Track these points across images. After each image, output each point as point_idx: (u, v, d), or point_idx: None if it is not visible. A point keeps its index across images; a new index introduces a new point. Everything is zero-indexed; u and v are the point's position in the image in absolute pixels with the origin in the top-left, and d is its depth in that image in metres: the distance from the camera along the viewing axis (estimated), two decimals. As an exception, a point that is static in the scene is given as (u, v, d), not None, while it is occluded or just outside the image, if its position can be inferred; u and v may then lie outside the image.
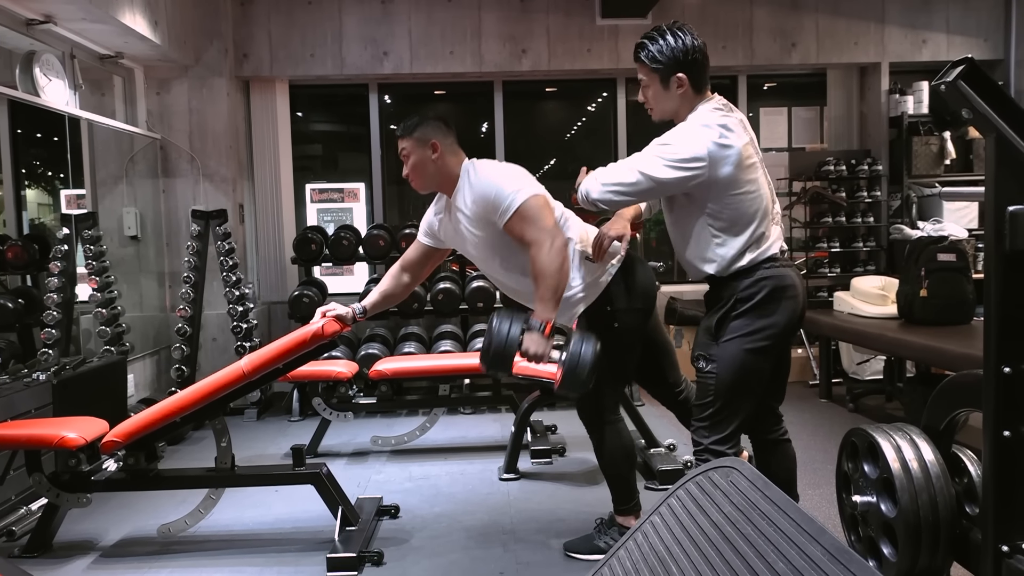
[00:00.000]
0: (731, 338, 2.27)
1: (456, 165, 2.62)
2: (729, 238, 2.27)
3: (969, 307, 4.20)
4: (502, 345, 2.36)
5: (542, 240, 2.40)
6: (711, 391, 2.29)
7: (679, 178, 2.21)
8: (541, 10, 5.57)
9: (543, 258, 2.39)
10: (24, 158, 5.11)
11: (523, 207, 2.44)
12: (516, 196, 2.44)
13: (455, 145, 2.64)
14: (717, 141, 2.19)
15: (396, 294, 2.87)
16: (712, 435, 2.30)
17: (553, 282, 2.39)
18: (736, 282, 2.27)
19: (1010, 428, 1.64)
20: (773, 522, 1.19)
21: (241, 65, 5.47)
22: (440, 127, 2.63)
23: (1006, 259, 1.62)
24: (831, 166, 5.62)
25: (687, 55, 2.30)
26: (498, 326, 2.38)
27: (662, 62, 2.31)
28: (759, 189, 2.28)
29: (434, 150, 2.59)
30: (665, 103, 2.36)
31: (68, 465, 2.89)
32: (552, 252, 2.38)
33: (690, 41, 2.31)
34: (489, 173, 2.55)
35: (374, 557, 2.74)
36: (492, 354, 2.38)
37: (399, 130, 2.65)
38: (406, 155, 2.63)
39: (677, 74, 2.30)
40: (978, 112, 1.62)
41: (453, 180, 2.61)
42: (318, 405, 4.12)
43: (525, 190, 2.46)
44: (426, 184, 2.67)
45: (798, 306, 2.32)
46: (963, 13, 5.73)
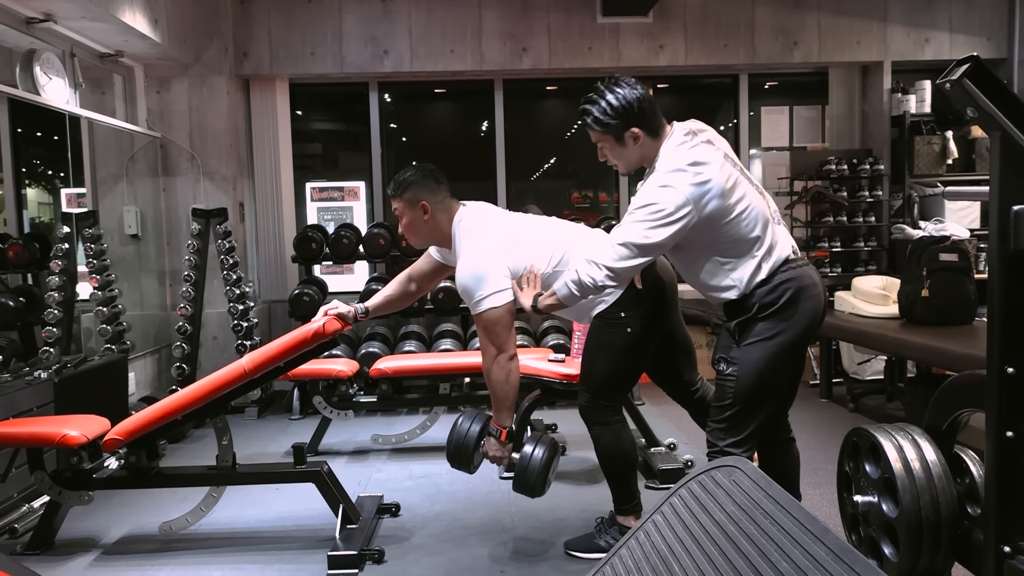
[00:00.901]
0: (754, 342, 2.25)
1: (447, 224, 2.67)
2: (739, 261, 2.25)
3: (971, 307, 4.19)
4: (461, 443, 2.65)
5: (490, 352, 2.56)
6: (730, 394, 2.28)
7: (673, 233, 2.19)
8: (542, 8, 5.57)
9: (489, 370, 2.57)
10: (24, 157, 5.11)
11: (484, 316, 2.54)
12: (482, 302, 2.53)
13: (447, 200, 2.68)
14: (693, 182, 2.17)
15: (400, 301, 2.94)
16: (728, 437, 2.29)
17: (501, 393, 2.58)
18: (758, 291, 2.25)
19: (1013, 429, 1.64)
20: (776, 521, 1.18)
21: (241, 63, 5.47)
22: (429, 185, 2.65)
23: (1010, 259, 1.61)
24: (833, 165, 5.61)
25: (632, 108, 2.29)
26: (460, 426, 2.67)
27: (610, 123, 2.31)
28: (750, 204, 2.24)
29: (424, 211, 2.64)
30: (627, 157, 2.36)
31: (70, 463, 2.89)
32: (497, 366, 2.55)
33: (630, 93, 2.29)
34: (466, 264, 2.58)
35: (375, 555, 2.74)
36: (453, 447, 2.67)
37: (390, 189, 2.70)
38: (399, 214, 2.69)
39: (630, 129, 2.30)
40: (983, 111, 1.61)
41: (447, 237, 2.68)
42: (319, 403, 4.12)
43: (491, 298, 2.52)
44: (421, 242, 2.76)
45: (820, 304, 2.30)
46: (966, 12, 5.72)
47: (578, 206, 6.56)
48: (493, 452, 2.61)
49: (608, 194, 6.53)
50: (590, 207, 6.58)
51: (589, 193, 6.72)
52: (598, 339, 2.64)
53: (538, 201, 5.63)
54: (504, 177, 5.99)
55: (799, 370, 2.45)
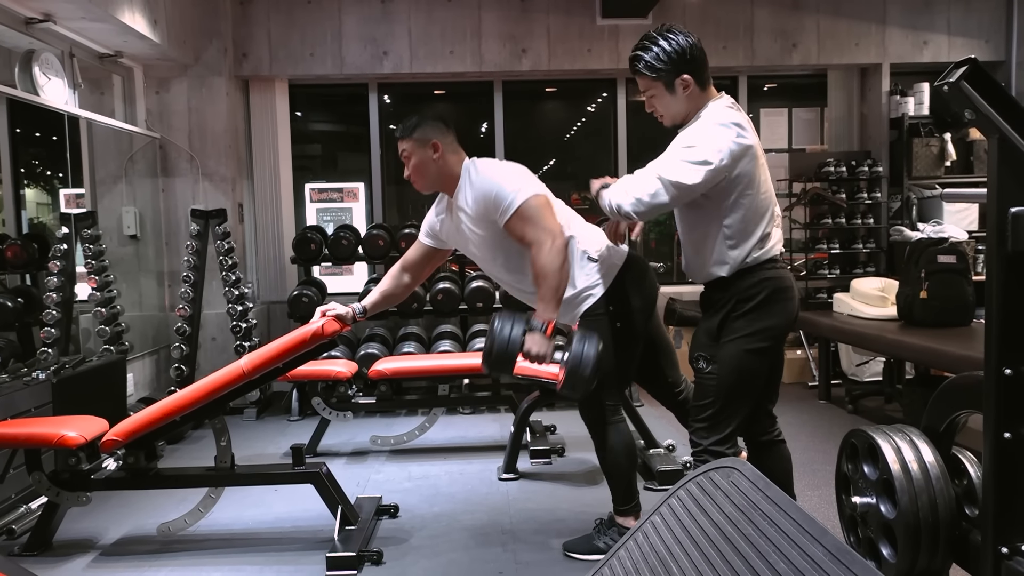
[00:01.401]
0: (732, 339, 2.28)
1: (457, 164, 2.61)
2: (741, 240, 2.27)
3: (969, 309, 4.20)
4: (504, 346, 2.36)
5: (542, 240, 2.40)
6: (711, 392, 2.31)
7: (709, 179, 2.19)
8: (541, 10, 5.57)
9: (543, 258, 2.38)
10: (23, 157, 5.11)
11: (523, 207, 2.43)
12: (516, 196, 2.44)
13: (455, 144, 2.64)
14: (736, 140, 2.20)
15: (396, 294, 2.87)
16: (711, 436, 2.31)
17: (554, 282, 2.39)
18: (738, 282, 2.28)
19: (1011, 430, 1.64)
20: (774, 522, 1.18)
21: (240, 64, 5.47)
22: (440, 126, 2.61)
23: (1008, 261, 1.61)
24: (831, 167, 5.62)
25: (685, 55, 2.29)
26: (500, 327, 2.37)
27: (662, 68, 2.30)
28: (768, 189, 2.31)
29: (435, 150, 2.58)
30: (674, 108, 2.34)
31: (68, 464, 2.89)
32: (552, 252, 2.38)
33: (684, 40, 2.30)
34: (490, 172, 2.54)
35: (373, 556, 2.74)
36: (494, 355, 2.38)
37: (399, 131, 2.64)
38: (407, 156, 2.62)
39: (681, 76, 2.29)
40: (981, 113, 1.61)
41: (455, 179, 2.60)
42: (317, 405, 4.12)
43: (525, 189, 2.46)
44: (428, 184, 2.66)
45: (794, 307, 2.35)
46: (964, 14, 5.73)
47: (578, 207, 6.55)
48: (537, 349, 2.37)
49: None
50: (590, 208, 6.58)
51: (589, 195, 6.72)
52: None
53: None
54: (503, 178, 5.98)
55: (779, 366, 2.47)
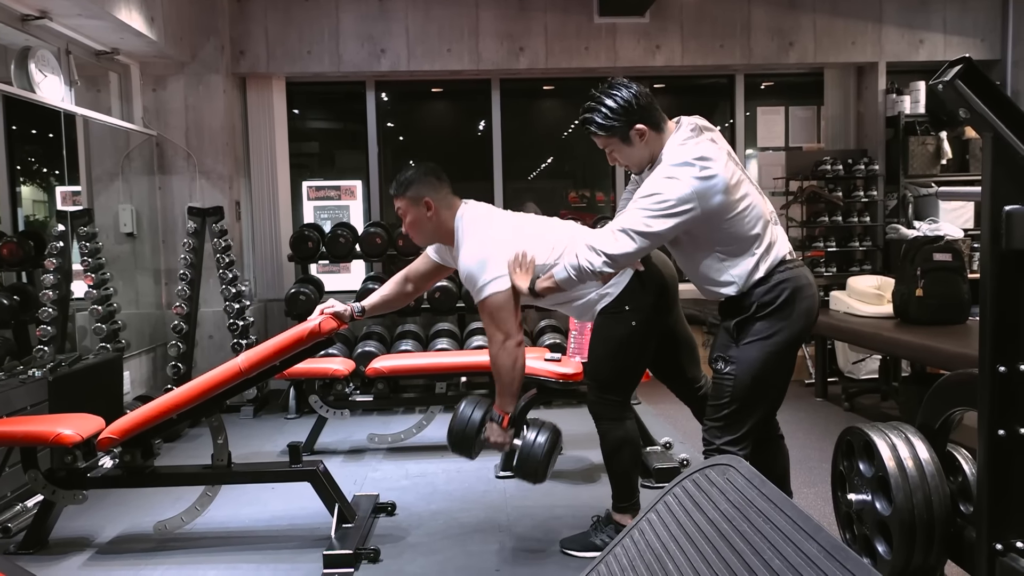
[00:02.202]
0: (752, 341, 2.27)
1: (450, 219, 2.68)
2: (739, 259, 2.26)
3: (964, 307, 4.21)
4: (463, 427, 2.62)
5: (496, 338, 2.55)
6: (728, 392, 2.30)
7: (675, 225, 2.20)
8: (539, 8, 5.57)
9: (494, 354, 2.56)
10: (19, 154, 5.10)
11: (488, 300, 2.54)
12: (485, 288, 2.53)
13: (449, 197, 2.69)
14: (699, 176, 2.17)
15: (397, 301, 2.95)
16: (725, 436, 2.30)
17: (506, 379, 2.56)
18: (755, 290, 2.27)
19: (1005, 427, 1.65)
20: (770, 519, 1.19)
21: (238, 62, 5.46)
22: (431, 182, 2.67)
23: (1002, 258, 1.62)
24: (828, 165, 5.63)
25: (632, 106, 2.30)
26: (462, 411, 2.65)
27: (614, 125, 2.32)
28: (751, 203, 2.26)
29: (428, 208, 2.65)
30: (636, 156, 2.37)
31: (64, 462, 2.89)
32: (504, 351, 2.54)
33: (627, 93, 2.31)
34: (470, 251, 2.59)
35: (370, 554, 2.74)
36: (455, 435, 2.65)
37: (393, 188, 2.71)
38: (402, 213, 2.70)
39: (634, 127, 2.30)
40: (975, 112, 1.62)
41: (450, 233, 2.68)
42: (315, 403, 4.12)
43: (495, 283, 2.53)
44: (425, 240, 2.76)
45: (815, 304, 2.33)
46: (960, 13, 5.74)
47: (575, 206, 6.57)
48: (495, 438, 2.59)
49: (605, 194, 6.53)
50: (587, 207, 6.59)
51: (586, 193, 6.73)
52: (603, 334, 2.65)
53: (535, 201, 5.64)
54: (501, 177, 5.99)
55: (791, 369, 2.46)
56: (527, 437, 2.58)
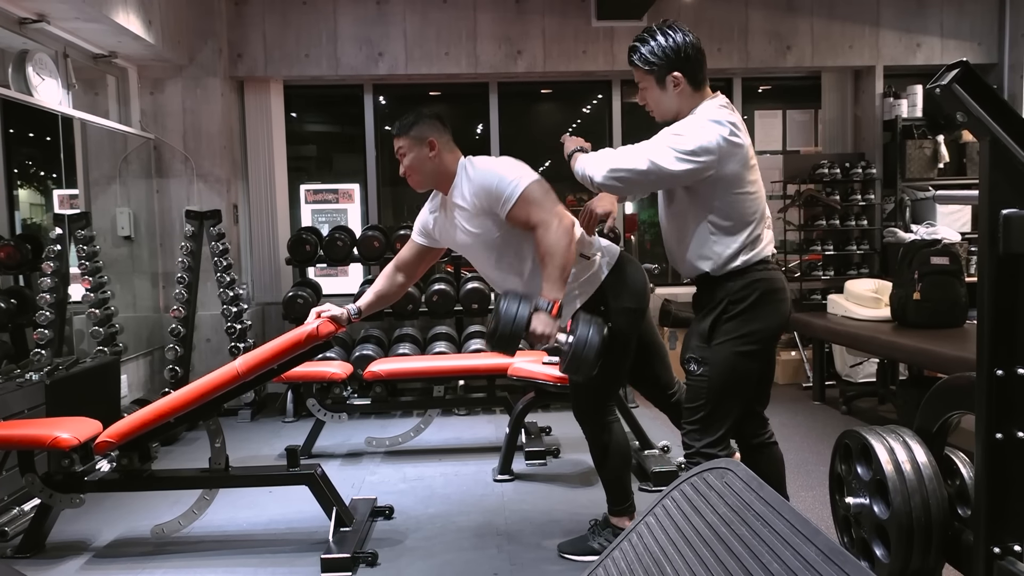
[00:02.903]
0: (723, 341, 2.27)
1: (453, 162, 2.62)
2: (726, 237, 2.26)
3: (962, 310, 4.22)
4: (509, 325, 2.36)
5: (548, 220, 2.42)
6: (703, 394, 2.30)
7: (689, 170, 2.18)
8: (537, 11, 5.58)
9: (550, 238, 2.40)
10: (16, 158, 5.09)
11: (527, 191, 2.47)
12: (519, 183, 2.47)
13: (451, 143, 2.65)
14: (727, 137, 2.18)
15: (391, 294, 2.87)
16: (704, 438, 2.31)
17: (561, 261, 2.39)
18: (729, 283, 2.27)
19: (1003, 431, 1.65)
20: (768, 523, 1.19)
21: (235, 65, 5.46)
22: (436, 125, 2.62)
23: (1000, 262, 1.62)
24: (825, 169, 5.64)
25: (679, 52, 2.28)
26: (506, 307, 2.38)
27: (655, 63, 2.29)
28: (759, 190, 2.30)
29: (431, 148, 2.59)
30: (665, 104, 2.34)
31: (61, 465, 2.88)
32: (559, 232, 2.41)
33: (681, 38, 2.28)
34: (489, 165, 2.57)
35: (368, 558, 2.74)
36: (499, 334, 2.38)
37: (395, 128, 2.64)
38: (403, 154, 2.63)
39: (672, 73, 2.28)
40: (973, 115, 1.62)
41: (450, 177, 2.61)
42: (312, 406, 4.12)
43: (526, 177, 2.50)
44: (424, 182, 2.67)
45: (787, 309, 2.35)
46: (957, 17, 5.76)
47: (573, 209, 6.57)
48: (542, 328, 2.35)
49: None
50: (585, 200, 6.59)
51: (584, 196, 6.73)
52: None
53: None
54: (498, 180, 5.98)
55: (770, 369, 2.47)
56: (580, 331, 2.37)
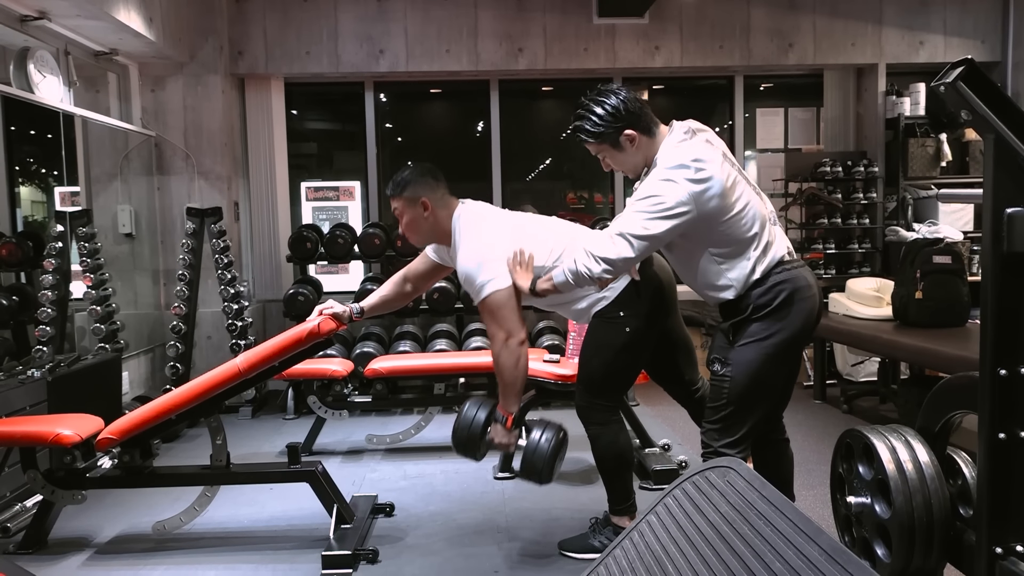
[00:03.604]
0: (748, 342, 2.25)
1: (447, 219, 2.66)
2: (734, 260, 2.25)
3: (964, 309, 4.21)
4: (466, 429, 2.57)
5: (498, 337, 2.52)
6: (725, 394, 2.28)
7: (672, 227, 2.19)
8: (538, 9, 5.57)
9: (498, 354, 2.53)
10: (18, 155, 5.09)
11: (488, 300, 2.52)
12: (485, 287, 2.51)
13: (446, 197, 2.69)
14: (694, 178, 2.16)
15: (396, 301, 2.94)
16: (723, 438, 2.29)
17: (508, 379, 2.53)
18: (752, 291, 2.26)
19: (1005, 430, 1.65)
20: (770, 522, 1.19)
21: (236, 62, 5.45)
22: (428, 182, 2.66)
23: (1004, 261, 1.62)
24: (827, 167, 5.63)
25: (620, 112, 2.30)
26: (466, 412, 2.60)
27: (603, 131, 2.32)
28: (748, 203, 2.25)
29: (425, 208, 2.64)
30: (629, 161, 2.36)
31: (63, 462, 2.88)
32: (506, 349, 2.51)
33: (615, 100, 2.31)
34: (468, 252, 2.58)
35: (369, 555, 2.74)
36: (458, 438, 2.60)
37: (389, 189, 2.70)
38: (399, 214, 2.69)
39: (623, 132, 2.30)
40: (977, 114, 1.62)
41: (447, 234, 2.67)
42: (313, 403, 4.12)
43: (494, 282, 2.51)
44: (422, 240, 2.75)
45: (815, 305, 2.30)
46: (961, 15, 5.75)
47: (573, 207, 6.57)
48: (500, 439, 2.56)
49: (603, 195, 6.54)
50: (585, 208, 6.59)
51: (584, 194, 6.73)
52: (597, 338, 2.64)
53: (533, 202, 5.63)
54: (500, 177, 5.99)
55: (794, 371, 2.45)
56: (532, 437, 2.52)
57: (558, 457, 2.55)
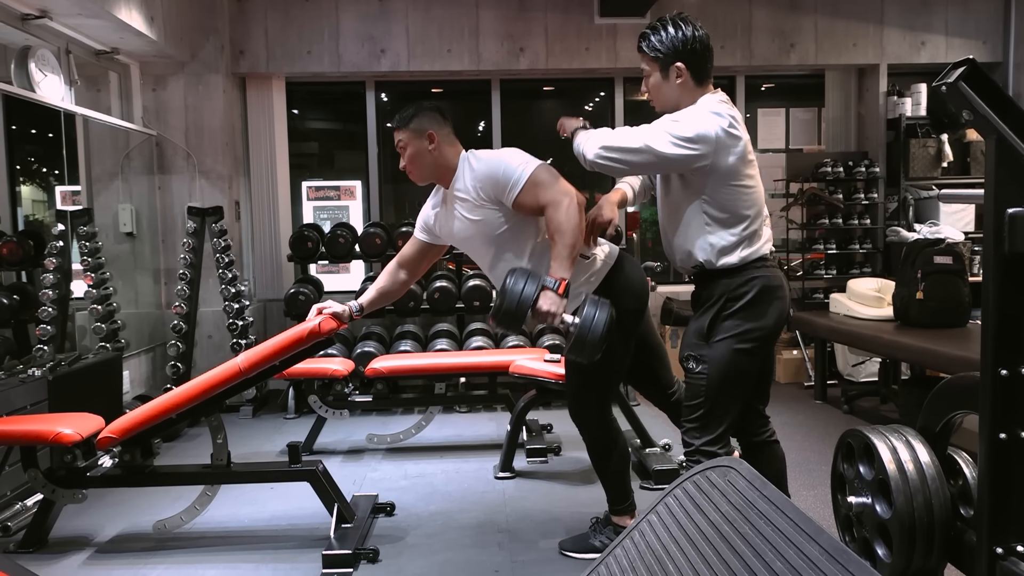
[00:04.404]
0: (722, 338, 2.27)
1: (453, 155, 2.61)
2: (721, 229, 2.27)
3: (965, 310, 4.21)
4: (515, 303, 2.32)
5: (559, 199, 2.42)
6: (701, 391, 2.29)
7: (683, 156, 2.18)
8: (539, 9, 5.57)
9: (560, 216, 2.40)
10: (19, 154, 5.09)
11: (534, 175, 2.46)
12: (526, 168, 2.47)
13: (452, 135, 2.64)
14: (726, 128, 2.20)
15: (393, 291, 2.86)
16: (703, 436, 2.30)
17: (571, 239, 2.38)
18: (726, 279, 2.27)
19: (1006, 430, 1.65)
20: (771, 521, 1.19)
21: (237, 62, 5.46)
22: (436, 117, 2.61)
23: (1005, 262, 1.62)
24: (828, 167, 5.63)
25: (686, 45, 2.31)
26: (513, 283, 2.34)
27: (662, 51, 2.31)
28: (757, 186, 2.30)
29: (431, 140, 2.58)
30: (666, 93, 2.35)
31: (64, 461, 2.89)
32: (570, 210, 2.40)
33: (691, 32, 2.32)
34: (494, 154, 2.57)
35: (369, 554, 2.74)
36: (504, 311, 2.34)
37: (395, 121, 2.64)
38: (403, 147, 2.62)
39: (676, 63, 2.30)
40: (979, 114, 1.62)
41: (451, 170, 2.60)
42: (314, 403, 4.12)
43: (532, 162, 2.50)
44: (424, 175, 2.65)
45: (785, 307, 2.34)
46: (962, 15, 5.75)
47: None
48: (548, 306, 2.30)
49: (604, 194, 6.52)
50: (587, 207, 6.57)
51: (586, 194, 6.71)
52: None
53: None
54: (500, 177, 5.98)
55: (769, 367, 2.46)
56: (587, 311, 2.31)
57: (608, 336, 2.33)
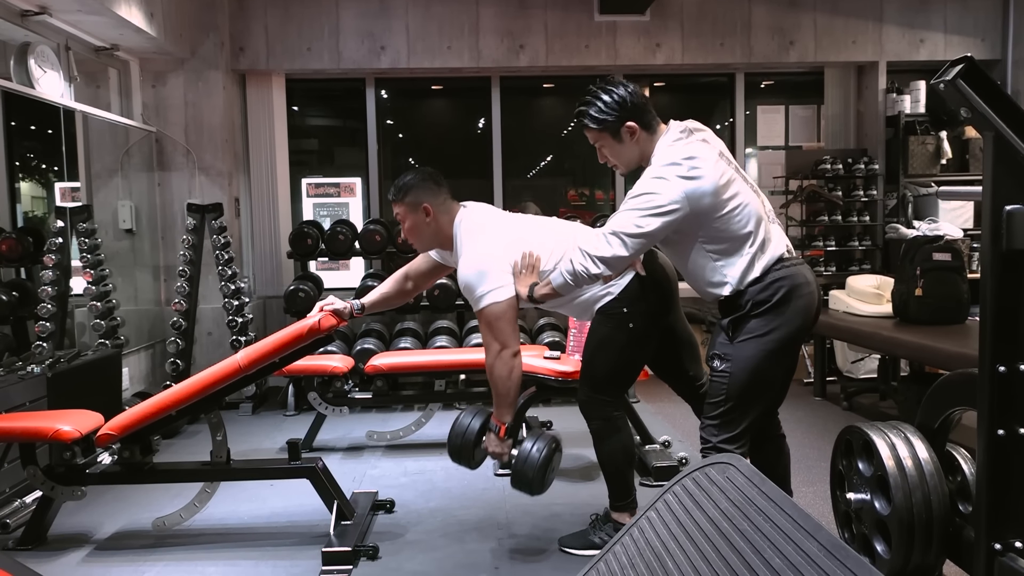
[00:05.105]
0: (747, 338, 2.26)
1: (449, 225, 2.68)
2: (731, 257, 2.26)
3: (964, 307, 4.21)
4: (460, 439, 2.67)
5: (493, 348, 2.55)
6: (723, 390, 2.29)
7: (664, 224, 2.22)
8: (539, 6, 5.56)
9: (492, 365, 2.56)
10: (18, 150, 5.10)
11: (486, 311, 2.53)
12: (484, 298, 2.53)
13: (448, 202, 2.70)
14: (686, 175, 2.20)
15: (396, 298, 2.95)
16: (721, 434, 2.30)
17: (503, 389, 2.57)
18: (751, 288, 2.27)
19: (1004, 427, 1.65)
20: (770, 518, 1.19)
21: (237, 58, 5.45)
22: (430, 187, 2.67)
23: (1003, 258, 1.62)
24: (828, 165, 5.63)
25: (626, 103, 2.35)
26: (460, 421, 2.69)
27: (609, 118, 2.36)
28: (744, 201, 2.26)
29: (427, 214, 2.66)
30: (627, 155, 2.40)
31: (63, 458, 2.88)
32: (500, 362, 2.54)
33: (623, 91, 2.37)
34: (468, 261, 2.59)
35: (369, 551, 2.74)
36: (454, 447, 2.70)
37: (391, 194, 2.71)
38: (401, 219, 2.71)
39: (625, 124, 2.34)
40: (977, 111, 1.62)
41: (449, 239, 2.69)
42: (314, 400, 4.12)
43: (493, 293, 2.52)
44: (424, 245, 2.77)
45: (813, 302, 2.31)
46: (961, 13, 5.74)
47: (574, 204, 6.57)
48: (493, 448, 2.62)
49: (604, 192, 6.53)
50: (586, 205, 6.59)
51: (585, 191, 6.73)
52: (600, 334, 2.64)
53: (535, 199, 5.63)
54: (501, 175, 5.98)
55: (792, 368, 2.46)
56: (523, 447, 2.58)
57: (549, 468, 2.59)
